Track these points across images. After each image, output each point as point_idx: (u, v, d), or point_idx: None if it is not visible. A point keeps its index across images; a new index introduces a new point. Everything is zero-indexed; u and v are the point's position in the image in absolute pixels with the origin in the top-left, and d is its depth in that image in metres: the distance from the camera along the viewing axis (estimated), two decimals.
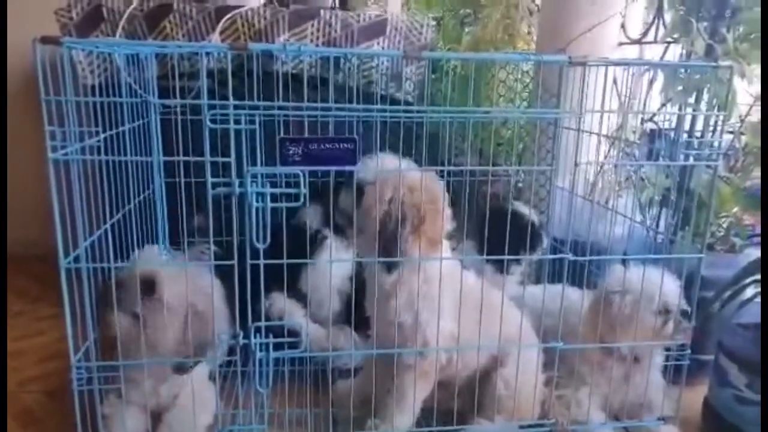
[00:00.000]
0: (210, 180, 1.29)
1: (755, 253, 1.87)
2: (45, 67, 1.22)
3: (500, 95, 2.74)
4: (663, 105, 2.00)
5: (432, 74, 2.52)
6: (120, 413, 1.44)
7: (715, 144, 1.58)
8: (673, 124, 2.01)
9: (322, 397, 1.67)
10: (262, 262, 1.34)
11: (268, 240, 1.32)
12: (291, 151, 1.35)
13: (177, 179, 1.68)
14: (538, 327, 1.63)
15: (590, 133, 1.59)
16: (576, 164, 1.47)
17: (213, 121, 1.27)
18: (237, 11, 2.16)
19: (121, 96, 1.65)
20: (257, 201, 1.32)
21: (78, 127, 1.32)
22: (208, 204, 1.30)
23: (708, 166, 1.57)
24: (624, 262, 1.65)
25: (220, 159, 1.29)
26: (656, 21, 2.18)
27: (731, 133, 1.97)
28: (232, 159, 1.29)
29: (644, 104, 2.05)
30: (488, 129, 2.55)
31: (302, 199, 1.31)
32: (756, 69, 1.80)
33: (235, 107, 1.29)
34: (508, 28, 2.85)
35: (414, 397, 1.51)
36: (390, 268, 1.43)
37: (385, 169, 1.46)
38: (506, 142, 2.78)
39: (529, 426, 1.58)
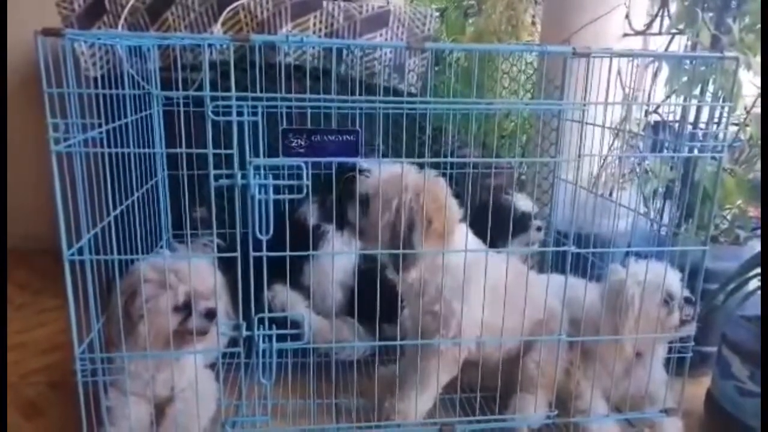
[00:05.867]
0: (212, 172, 1.28)
1: (759, 245, 1.87)
2: (47, 59, 1.22)
3: (504, 87, 2.73)
4: (668, 96, 1.99)
5: (435, 66, 2.51)
6: (124, 405, 1.44)
7: (720, 136, 1.57)
8: (678, 116, 2.00)
9: (326, 388, 1.67)
10: (264, 254, 1.34)
11: (271, 232, 1.32)
12: (293, 143, 1.35)
13: (180, 171, 1.68)
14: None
15: (594, 125, 1.58)
16: (579, 156, 1.46)
17: (215, 113, 1.27)
18: (239, 2, 2.15)
19: (123, 88, 1.64)
20: (260, 193, 1.31)
21: (80, 119, 1.32)
22: (210, 196, 1.30)
23: (713, 158, 1.56)
24: (627, 255, 1.65)
25: (222, 151, 1.29)
26: (661, 12, 2.16)
27: (736, 124, 1.96)
28: (235, 151, 1.29)
29: (649, 96, 2.04)
30: (491, 121, 2.54)
31: (305, 191, 1.31)
32: None
33: (238, 99, 1.28)
34: (512, 19, 2.83)
35: (437, 381, 1.54)
36: (404, 267, 1.46)
37: (385, 178, 1.47)
38: (510, 134, 2.78)
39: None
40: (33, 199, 2.59)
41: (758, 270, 1.60)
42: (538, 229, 2.05)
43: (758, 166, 1.93)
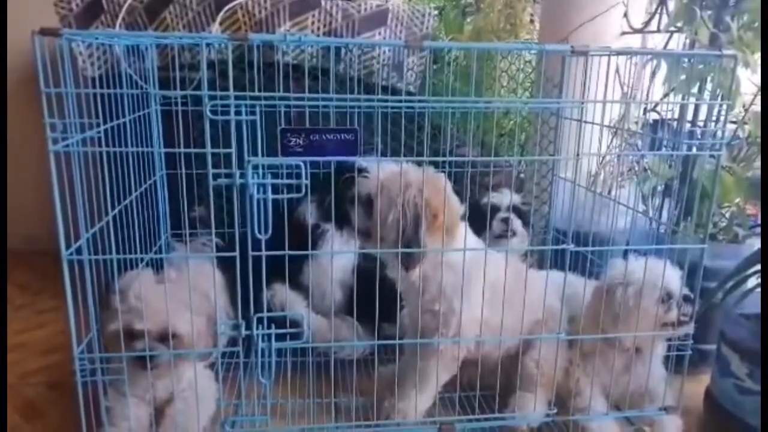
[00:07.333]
0: (211, 171, 1.28)
1: (758, 243, 1.87)
2: (44, 58, 1.21)
3: (502, 85, 2.73)
4: (666, 95, 1.99)
5: (433, 64, 2.51)
6: (123, 405, 1.44)
7: (718, 134, 1.57)
8: (676, 114, 2.00)
9: (325, 387, 1.67)
10: (263, 253, 1.34)
11: (270, 231, 1.32)
12: (292, 142, 1.35)
13: (178, 170, 1.68)
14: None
15: (593, 123, 1.58)
16: (578, 154, 1.46)
17: (214, 112, 1.26)
18: (237, 1, 2.15)
19: (121, 87, 1.64)
20: (258, 192, 1.31)
21: (78, 119, 1.31)
22: (209, 195, 1.30)
23: (711, 156, 1.56)
24: (626, 253, 1.65)
25: (221, 150, 1.29)
26: (659, 10, 2.16)
27: (734, 122, 1.96)
28: (233, 150, 1.29)
29: (647, 94, 2.04)
30: (490, 119, 2.54)
31: (303, 190, 1.31)
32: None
33: (236, 98, 1.28)
34: (510, 17, 2.84)
35: (437, 380, 1.54)
36: (408, 265, 1.45)
37: (386, 176, 1.47)
38: (508, 132, 2.78)
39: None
40: (33, 200, 2.59)
41: (757, 268, 1.61)
42: (503, 220, 2.02)
43: (757, 163, 1.93)
